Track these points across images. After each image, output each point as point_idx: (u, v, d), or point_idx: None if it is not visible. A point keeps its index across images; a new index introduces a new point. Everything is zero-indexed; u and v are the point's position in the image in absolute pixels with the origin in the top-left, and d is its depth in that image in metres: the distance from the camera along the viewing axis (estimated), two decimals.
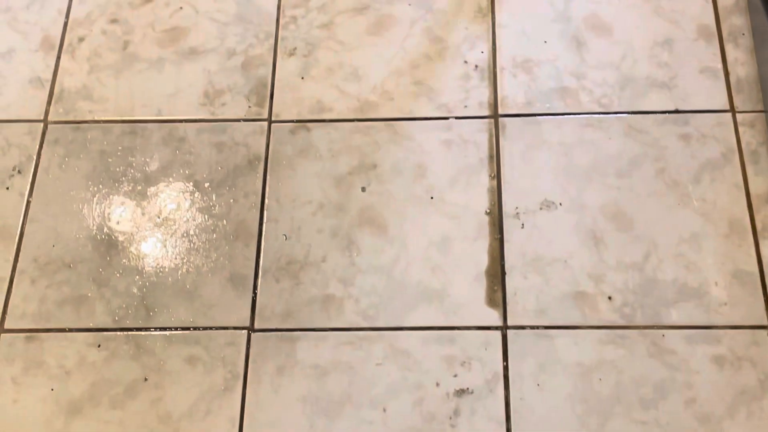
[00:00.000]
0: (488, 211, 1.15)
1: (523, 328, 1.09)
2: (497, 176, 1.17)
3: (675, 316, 1.08)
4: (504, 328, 1.09)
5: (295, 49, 1.27)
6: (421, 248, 1.13)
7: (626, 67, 1.23)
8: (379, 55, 1.26)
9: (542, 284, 1.10)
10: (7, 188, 1.19)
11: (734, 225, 1.13)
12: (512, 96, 1.22)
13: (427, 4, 1.29)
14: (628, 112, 1.20)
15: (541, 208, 1.15)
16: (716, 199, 1.15)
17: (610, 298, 1.09)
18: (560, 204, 1.15)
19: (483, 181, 1.17)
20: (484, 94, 1.22)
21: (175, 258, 1.15)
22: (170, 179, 1.19)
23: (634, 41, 1.25)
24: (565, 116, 1.20)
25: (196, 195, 1.18)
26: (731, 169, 1.16)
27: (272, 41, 1.28)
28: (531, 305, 1.09)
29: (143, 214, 1.18)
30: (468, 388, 1.07)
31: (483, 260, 1.12)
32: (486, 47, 1.26)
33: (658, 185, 1.16)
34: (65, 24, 1.30)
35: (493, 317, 1.09)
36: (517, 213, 1.15)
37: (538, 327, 1.09)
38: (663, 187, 1.16)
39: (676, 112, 1.20)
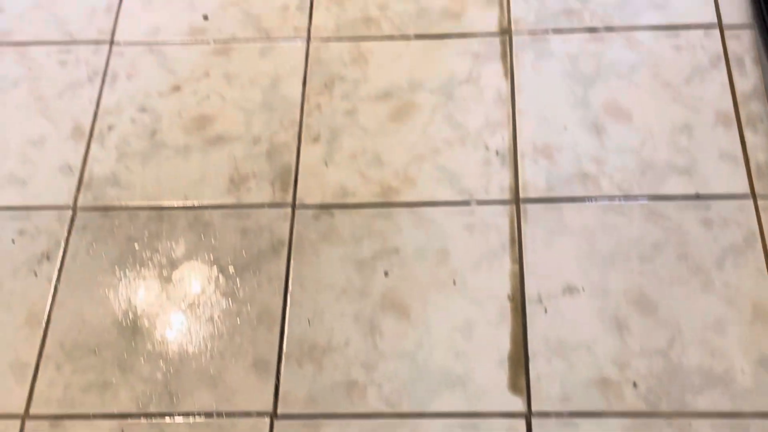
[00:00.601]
0: (511, 296, 1.15)
1: (547, 415, 1.08)
2: (519, 261, 1.18)
3: (701, 403, 1.07)
4: (528, 415, 1.08)
5: (319, 135, 1.30)
6: (444, 333, 1.13)
7: (646, 152, 1.25)
8: (402, 141, 1.28)
9: (566, 370, 1.10)
10: (36, 274, 1.21)
11: (758, 310, 1.13)
12: (533, 181, 1.23)
13: (448, 91, 1.32)
14: (648, 197, 1.21)
15: (563, 293, 1.15)
16: (739, 285, 1.14)
17: (635, 384, 1.09)
18: (583, 289, 1.15)
19: (505, 265, 1.17)
20: (505, 179, 1.24)
21: (200, 343, 1.15)
22: (195, 264, 1.21)
23: (654, 127, 1.26)
24: (586, 201, 1.21)
25: (220, 280, 1.20)
26: (754, 254, 1.16)
27: (297, 128, 1.31)
28: (555, 391, 1.09)
29: (168, 298, 1.19)
30: None
31: (506, 345, 1.12)
32: (506, 133, 1.27)
33: (681, 270, 1.16)
34: (95, 113, 1.34)
35: (517, 404, 1.08)
36: (540, 298, 1.15)
37: (562, 414, 1.08)
38: (686, 272, 1.16)
39: (697, 197, 1.20)
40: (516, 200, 1.22)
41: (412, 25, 1.39)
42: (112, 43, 1.40)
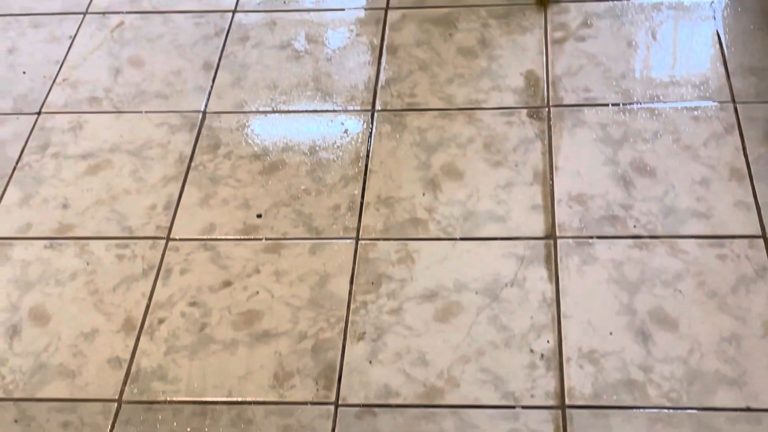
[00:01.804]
0: None
1: None
2: None
3: None
4: None
5: (364, 333, 1.31)
6: None
7: (694, 361, 1.23)
8: (446, 341, 1.29)
9: None
10: None
11: None
12: (579, 387, 1.22)
13: (494, 292, 1.33)
14: (698, 409, 1.19)
15: None
16: None
17: None
18: None
19: None
20: (550, 383, 1.23)
21: None
22: None
23: (700, 336, 1.26)
24: (634, 410, 1.19)
25: None
26: None
27: (342, 325, 1.32)
28: None
29: None
30: None
31: None
32: (552, 337, 1.27)
33: None
34: (147, 306, 1.37)
35: None
36: None
37: None
38: None
39: (748, 410, 1.18)
40: (562, 406, 1.21)
41: (459, 227, 1.43)
42: (168, 239, 1.46)
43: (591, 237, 1.39)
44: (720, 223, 1.39)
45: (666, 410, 1.19)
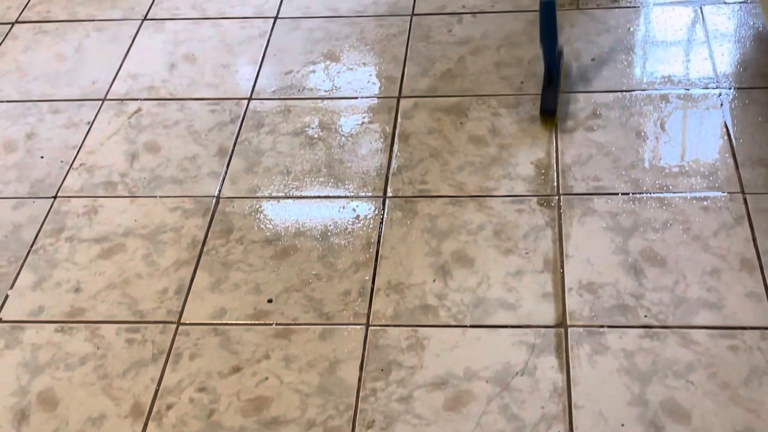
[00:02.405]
0: None
1: None
2: None
3: None
4: None
5: (373, 421, 1.30)
6: None
7: None
8: (456, 431, 1.27)
9: None
10: None
11: None
12: None
13: (504, 381, 1.32)
14: None
15: None
16: None
17: None
18: None
19: None
20: None
21: None
22: None
23: (713, 428, 1.24)
24: None
25: None
26: None
27: (351, 413, 1.31)
28: None
29: None
30: None
31: None
32: (563, 427, 1.26)
33: None
34: (156, 391, 1.37)
35: None
36: None
37: None
38: None
39: None
40: None
41: (469, 314, 1.42)
42: (179, 323, 1.46)
43: (602, 326, 1.39)
44: (731, 314, 1.38)
45: None
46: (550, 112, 1.74)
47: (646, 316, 1.39)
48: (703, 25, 1.92)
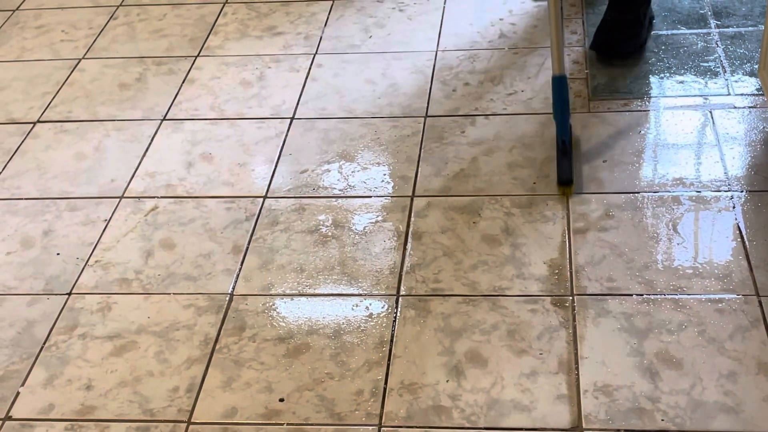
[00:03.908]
0: None
1: None
2: None
3: None
4: None
5: None
6: None
7: None
8: None
9: None
10: None
11: None
12: None
13: None
14: None
15: None
16: None
17: None
18: None
19: None
20: None
21: None
22: None
23: None
24: None
25: None
26: None
27: None
28: None
29: None
30: None
31: None
32: None
33: None
34: None
35: None
36: None
37: None
38: None
39: None
40: None
41: (483, 415, 1.40)
42: (189, 422, 1.44)
43: (618, 430, 1.36)
44: (750, 419, 1.36)
45: None
46: (568, 181, 1.82)
47: (663, 420, 1.37)
48: (713, 129, 1.94)
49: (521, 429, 1.38)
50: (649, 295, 1.58)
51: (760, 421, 1.35)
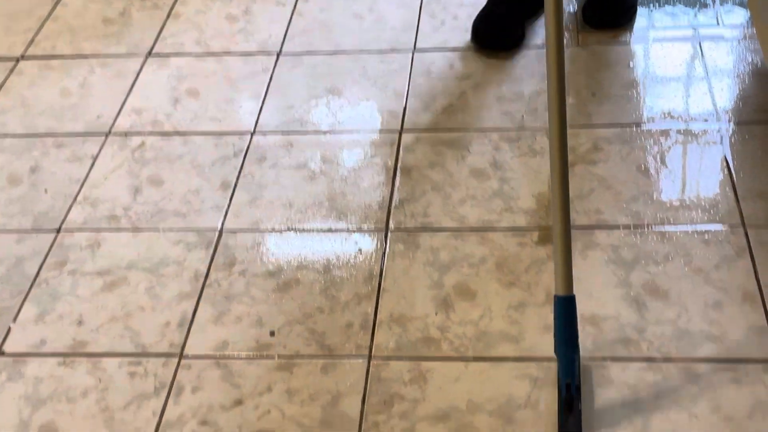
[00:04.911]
0: None
1: None
2: None
3: None
4: None
5: None
6: None
7: None
8: None
9: None
10: None
11: None
12: None
13: (507, 414, 1.32)
14: None
15: None
16: None
17: None
18: None
19: None
20: None
21: None
22: None
23: None
24: None
25: None
26: None
27: None
28: None
29: None
30: None
31: None
32: None
33: None
34: (158, 424, 1.35)
35: None
36: None
37: None
38: None
39: None
40: None
41: (471, 347, 1.42)
42: (181, 356, 1.46)
43: (604, 359, 1.38)
44: (734, 347, 1.38)
45: None
46: None
47: (648, 349, 1.39)
48: (702, 61, 1.94)
49: (509, 359, 1.40)
50: (636, 227, 1.59)
51: (744, 349, 1.37)
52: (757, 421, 1.28)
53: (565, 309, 1.32)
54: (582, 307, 1.45)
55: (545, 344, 1.41)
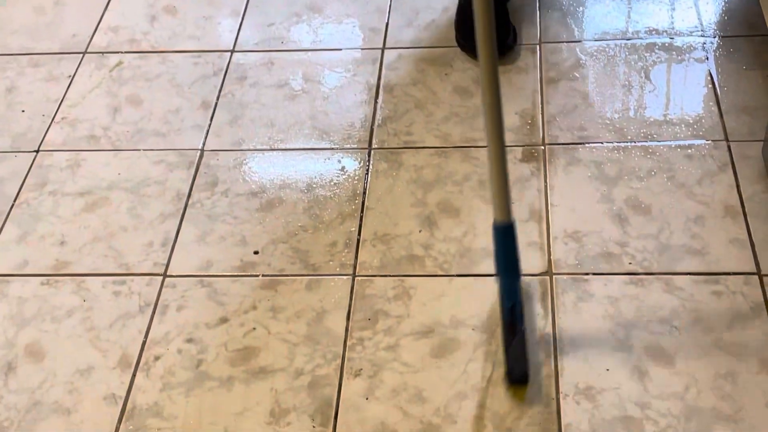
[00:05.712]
0: None
1: None
2: None
3: None
4: None
5: (360, 370, 1.31)
6: None
7: (690, 397, 1.23)
8: (443, 378, 1.28)
9: None
10: None
11: None
12: (576, 424, 1.22)
13: (490, 329, 1.33)
14: None
15: None
16: None
17: None
18: None
19: None
20: (552, 421, 1.23)
21: None
22: None
23: (697, 373, 1.26)
24: None
25: None
26: None
27: (339, 362, 1.32)
28: None
29: None
30: None
31: None
32: (551, 371, 1.27)
33: None
34: (144, 342, 1.37)
35: None
36: None
37: None
38: None
39: None
40: None
41: (455, 263, 1.43)
42: (165, 275, 1.46)
43: (587, 274, 1.40)
44: (715, 261, 1.39)
45: None
46: (522, 378, 1.27)
47: (630, 263, 1.40)
48: None
49: (492, 275, 1.40)
50: (619, 142, 1.59)
51: (724, 262, 1.39)
52: (736, 332, 1.30)
53: (504, 236, 1.27)
54: (565, 223, 1.46)
55: (528, 260, 1.41)
